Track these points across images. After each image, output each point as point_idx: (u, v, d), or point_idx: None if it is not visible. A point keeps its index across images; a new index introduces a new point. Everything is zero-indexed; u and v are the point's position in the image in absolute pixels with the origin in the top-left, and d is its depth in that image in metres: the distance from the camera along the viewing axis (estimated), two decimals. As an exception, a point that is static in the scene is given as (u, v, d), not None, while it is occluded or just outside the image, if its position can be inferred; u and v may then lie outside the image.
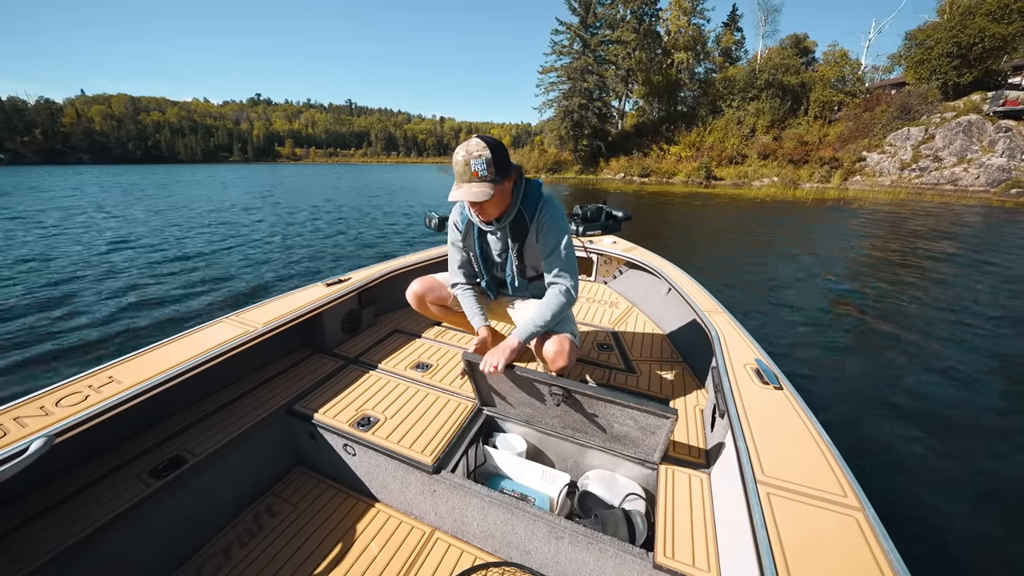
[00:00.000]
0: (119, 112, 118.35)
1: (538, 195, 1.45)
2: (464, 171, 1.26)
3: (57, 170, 51.56)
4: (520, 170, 1.43)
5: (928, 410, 2.77)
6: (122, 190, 20.96)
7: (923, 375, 3.24)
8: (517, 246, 1.49)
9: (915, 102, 23.20)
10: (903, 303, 4.93)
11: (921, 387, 3.07)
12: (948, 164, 20.99)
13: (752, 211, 13.64)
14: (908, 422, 2.63)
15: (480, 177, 1.26)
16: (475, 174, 1.26)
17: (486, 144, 1.27)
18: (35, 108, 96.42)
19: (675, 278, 2.24)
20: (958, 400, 2.91)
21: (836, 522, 0.81)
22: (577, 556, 1.14)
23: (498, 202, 1.36)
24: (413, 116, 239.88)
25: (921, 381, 3.16)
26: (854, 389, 3.05)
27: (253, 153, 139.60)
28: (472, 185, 1.27)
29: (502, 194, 1.35)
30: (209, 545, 1.28)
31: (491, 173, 1.26)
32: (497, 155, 1.27)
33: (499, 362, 1.28)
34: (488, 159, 1.25)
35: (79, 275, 5.84)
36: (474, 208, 1.39)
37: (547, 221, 1.43)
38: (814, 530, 0.80)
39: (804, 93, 27.98)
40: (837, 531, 0.79)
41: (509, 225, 1.46)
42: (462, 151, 1.27)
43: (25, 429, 1.01)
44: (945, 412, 2.76)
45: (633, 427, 1.25)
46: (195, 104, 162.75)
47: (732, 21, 37.61)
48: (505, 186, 1.35)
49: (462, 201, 1.44)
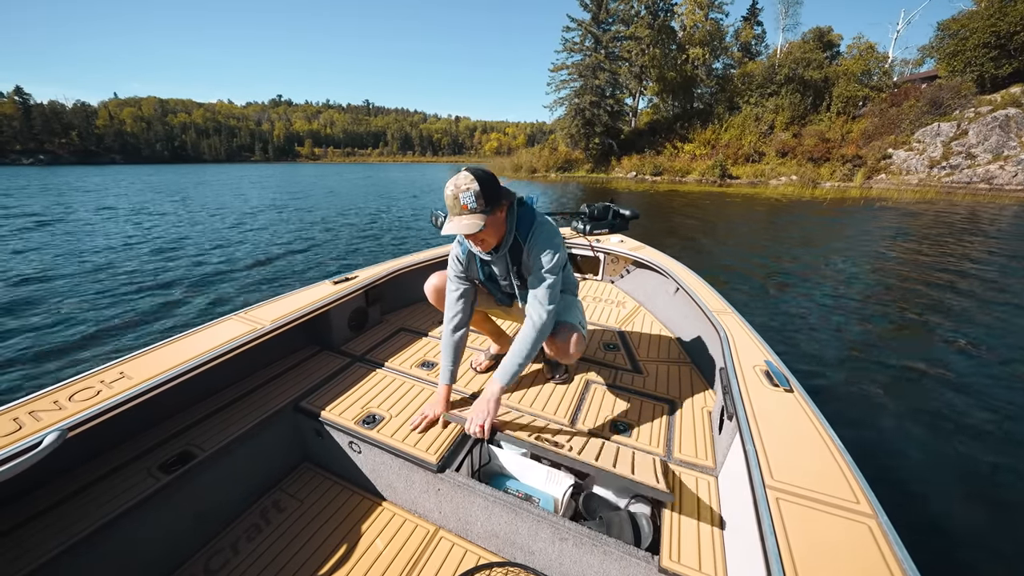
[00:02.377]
0: (148, 114, 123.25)
1: (531, 218, 1.45)
2: (454, 205, 1.28)
3: (94, 169, 54.24)
4: (514, 197, 1.43)
5: (945, 415, 2.65)
6: (167, 191, 21.60)
7: (941, 380, 3.09)
8: (516, 269, 1.51)
9: (947, 96, 21.89)
10: (922, 307, 4.70)
11: (938, 391, 2.93)
12: (982, 161, 19.72)
13: (763, 213, 13.06)
14: (923, 428, 2.52)
15: (470, 210, 1.27)
16: (464, 207, 1.27)
17: (474, 177, 1.27)
18: (72, 111, 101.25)
19: (683, 278, 2.20)
20: (977, 406, 2.76)
21: (848, 529, 0.79)
22: (581, 558, 1.12)
23: (493, 232, 1.38)
24: (429, 116, 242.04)
25: (938, 386, 3.02)
26: (866, 392, 2.91)
27: (274, 153, 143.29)
28: (463, 218, 1.28)
29: (495, 224, 1.36)
30: (216, 539, 1.29)
31: (480, 205, 1.27)
32: (485, 187, 1.27)
33: (486, 422, 1.30)
34: (476, 191, 1.26)
35: (104, 274, 5.95)
36: (472, 240, 1.39)
37: (536, 244, 1.43)
38: (825, 537, 0.77)
39: (827, 88, 26.78)
40: (849, 538, 0.77)
41: (508, 252, 1.48)
42: (451, 186, 1.28)
43: (39, 423, 1.03)
44: (963, 418, 2.63)
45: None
46: (219, 105, 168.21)
47: (752, 15, 36.37)
48: (498, 216, 1.36)
49: (459, 234, 1.45)
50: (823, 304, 4.71)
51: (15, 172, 45.65)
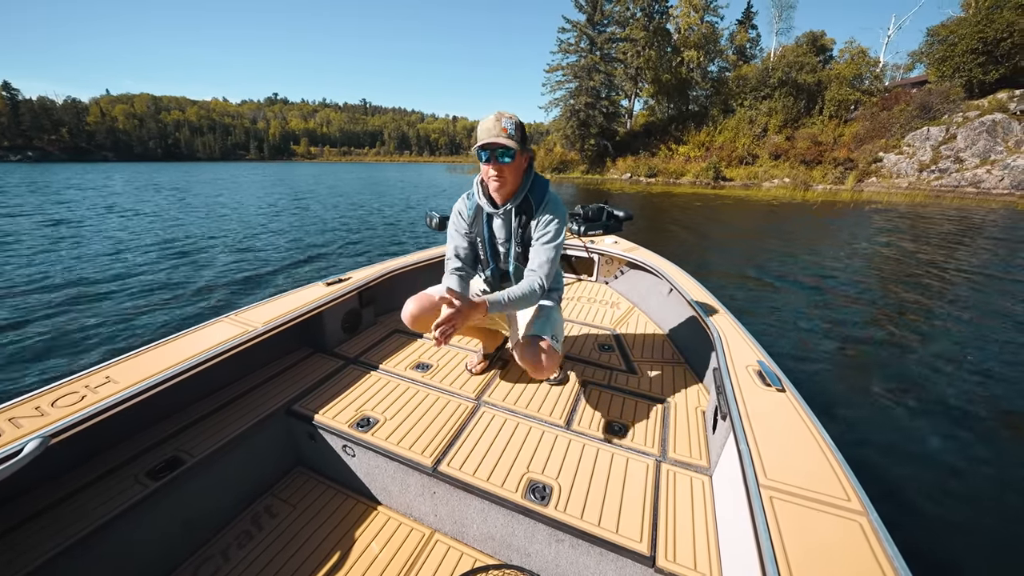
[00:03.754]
0: (141, 111, 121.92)
1: (545, 188, 1.51)
2: (494, 126, 1.32)
3: (89, 167, 53.22)
4: (533, 157, 1.49)
5: (933, 414, 2.72)
6: (155, 188, 21.32)
7: (928, 379, 3.17)
8: (520, 231, 1.51)
9: (936, 101, 22.19)
10: (909, 307, 4.78)
11: (926, 390, 3.00)
12: (970, 165, 20.01)
13: (753, 215, 13.15)
14: (912, 425, 2.59)
15: (508, 134, 1.33)
16: (504, 130, 1.32)
17: (513, 115, 1.36)
18: (62, 107, 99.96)
19: (676, 278, 2.21)
20: (963, 403, 2.84)
21: (839, 526, 0.80)
22: (578, 559, 1.13)
23: (514, 171, 1.41)
24: (427, 115, 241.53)
25: (926, 385, 3.08)
26: (857, 392, 2.98)
27: (269, 151, 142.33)
28: (500, 137, 1.32)
29: (518, 166, 1.41)
30: (207, 547, 1.26)
31: (517, 136, 1.34)
32: (521, 127, 1.36)
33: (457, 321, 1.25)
34: (517, 123, 1.35)
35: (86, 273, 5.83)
36: (494, 174, 1.40)
37: (549, 215, 1.46)
38: (817, 534, 0.79)
39: (819, 92, 27.06)
40: (840, 535, 0.78)
41: (515, 208, 1.48)
42: (493, 115, 1.34)
43: (20, 430, 1.00)
44: (950, 416, 2.70)
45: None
46: (214, 103, 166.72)
47: (747, 18, 36.68)
48: (522, 160, 1.42)
49: (475, 187, 1.53)
50: (813, 305, 4.77)
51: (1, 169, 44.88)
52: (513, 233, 1.52)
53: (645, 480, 1.27)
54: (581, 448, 1.39)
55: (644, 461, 1.33)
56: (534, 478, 1.27)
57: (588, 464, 1.33)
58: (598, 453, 1.36)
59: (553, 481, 1.26)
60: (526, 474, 1.28)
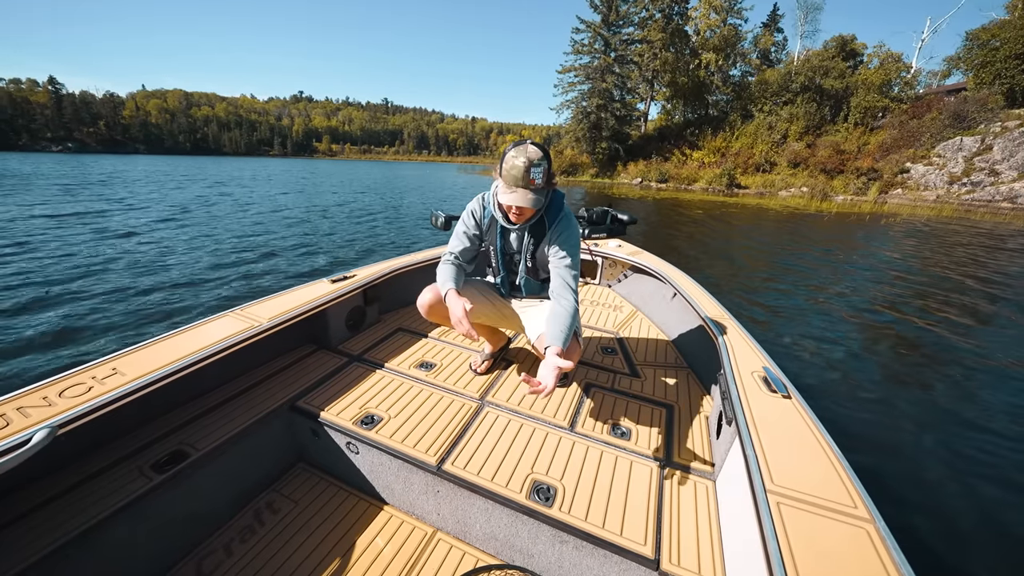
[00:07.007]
0: (173, 106, 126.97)
1: (560, 205, 1.48)
2: (523, 177, 1.28)
3: (125, 159, 55.56)
4: (555, 183, 1.46)
5: (939, 423, 2.68)
6: (172, 181, 21.82)
7: (936, 386, 3.13)
8: (532, 248, 1.52)
9: (972, 109, 20.71)
10: (919, 316, 4.69)
11: (933, 398, 2.97)
12: (1007, 179, 18.55)
13: (758, 226, 12.39)
14: (918, 433, 2.56)
15: (536, 186, 1.30)
16: (532, 181, 1.29)
17: (543, 155, 1.30)
18: (101, 101, 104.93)
19: (680, 283, 2.21)
20: (971, 412, 2.79)
21: (846, 533, 0.80)
22: (581, 561, 1.13)
23: (538, 207, 1.39)
24: (447, 116, 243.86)
25: (934, 392, 3.05)
26: (863, 399, 2.93)
27: (292, 148, 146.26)
28: (528, 192, 1.30)
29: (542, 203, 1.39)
30: (210, 540, 1.27)
31: (544, 182, 1.31)
32: (550, 167, 1.33)
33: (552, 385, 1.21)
34: (546, 169, 1.31)
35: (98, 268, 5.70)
36: (516, 211, 1.39)
37: (561, 232, 1.46)
38: (824, 541, 0.79)
39: (845, 98, 25.71)
40: (848, 543, 0.79)
41: (529, 227, 1.49)
42: (522, 157, 1.28)
43: (28, 420, 1.01)
44: (956, 425, 2.66)
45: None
46: (242, 100, 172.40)
47: (772, 21, 35.32)
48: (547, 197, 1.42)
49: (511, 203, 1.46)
50: (819, 313, 4.68)
51: (47, 158, 46.98)
52: (524, 248, 1.53)
53: (649, 483, 1.27)
54: (585, 450, 1.39)
55: (648, 464, 1.33)
56: (538, 479, 1.26)
57: (592, 466, 1.32)
58: (602, 455, 1.37)
59: (557, 482, 1.25)
60: (530, 475, 1.28)
